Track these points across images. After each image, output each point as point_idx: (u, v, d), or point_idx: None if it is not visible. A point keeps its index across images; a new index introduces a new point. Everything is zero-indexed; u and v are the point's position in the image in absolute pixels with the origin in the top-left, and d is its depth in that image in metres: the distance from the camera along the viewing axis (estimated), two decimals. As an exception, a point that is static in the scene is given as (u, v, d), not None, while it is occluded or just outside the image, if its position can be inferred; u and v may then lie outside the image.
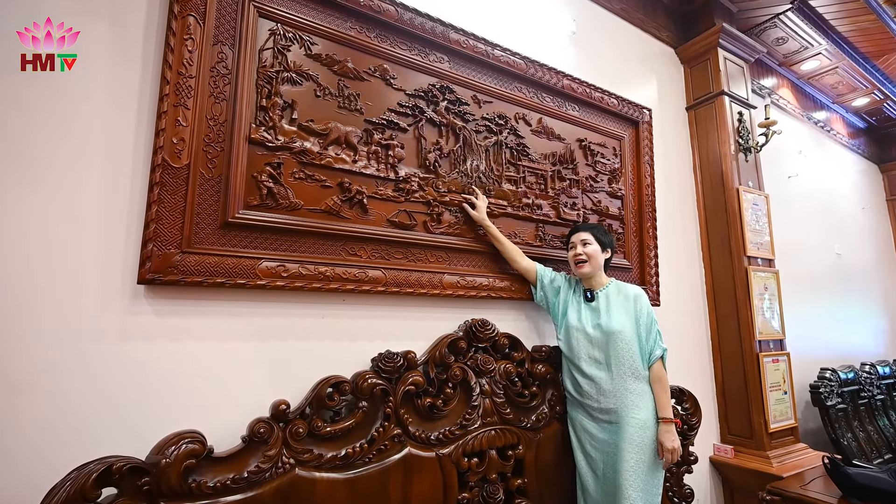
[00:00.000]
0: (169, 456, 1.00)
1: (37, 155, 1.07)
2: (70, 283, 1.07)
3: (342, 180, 1.43)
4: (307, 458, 1.20)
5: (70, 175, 1.10)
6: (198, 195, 1.20)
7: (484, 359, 1.57)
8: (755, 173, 2.65)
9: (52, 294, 1.05)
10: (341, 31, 1.49)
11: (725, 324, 2.47)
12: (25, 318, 1.02)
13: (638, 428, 1.48)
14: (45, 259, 1.05)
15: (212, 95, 1.25)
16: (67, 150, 1.10)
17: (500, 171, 1.81)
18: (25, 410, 1.00)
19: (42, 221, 1.06)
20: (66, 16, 1.14)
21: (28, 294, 1.03)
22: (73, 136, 1.11)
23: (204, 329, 1.21)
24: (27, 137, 1.06)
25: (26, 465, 0.98)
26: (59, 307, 1.05)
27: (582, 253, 1.63)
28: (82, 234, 1.10)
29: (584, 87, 2.10)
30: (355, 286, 1.39)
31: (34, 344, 1.02)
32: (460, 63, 1.75)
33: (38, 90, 1.09)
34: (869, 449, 2.85)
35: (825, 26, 3.20)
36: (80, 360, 1.06)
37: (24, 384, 1.00)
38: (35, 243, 1.05)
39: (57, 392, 1.03)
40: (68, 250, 1.08)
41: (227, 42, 1.29)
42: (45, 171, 1.08)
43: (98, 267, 1.11)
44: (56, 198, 1.08)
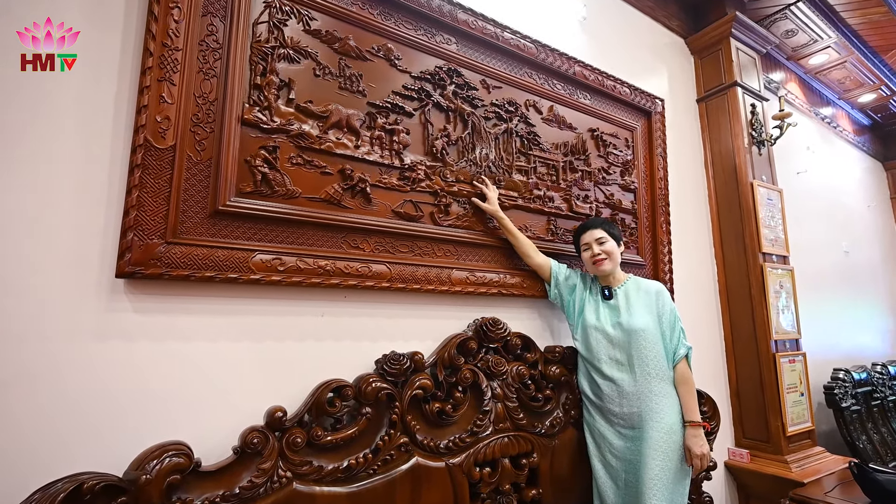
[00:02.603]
0: (150, 471, 0.89)
1: (5, 135, 0.95)
2: (40, 277, 0.95)
3: (343, 167, 1.32)
4: (306, 470, 1.09)
5: (40, 156, 0.98)
6: (185, 180, 1.08)
7: (495, 360, 1.47)
8: (769, 167, 2.57)
9: (18, 289, 0.93)
10: (342, 6, 1.37)
11: (740, 323, 2.38)
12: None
13: (664, 433, 1.38)
14: (11, 250, 0.93)
15: (200, 71, 1.13)
16: (38, 129, 0.99)
17: (510, 161, 1.70)
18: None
19: (8, 207, 0.94)
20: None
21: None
22: (45, 113, 1.00)
23: (191, 328, 1.10)
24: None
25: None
26: (26, 304, 0.93)
27: (601, 252, 1.54)
28: (53, 222, 0.98)
29: (596, 74, 2.00)
30: (358, 282, 1.28)
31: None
32: (468, 45, 1.65)
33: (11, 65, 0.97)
34: (884, 451, 2.77)
35: (835, 18, 3.14)
36: (50, 363, 0.94)
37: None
38: (0, 231, 0.93)
39: (24, 398, 0.91)
40: (38, 240, 0.96)
41: (218, 13, 1.17)
42: (12, 150, 0.96)
43: (71, 258, 0.98)
44: (24, 182, 0.96)
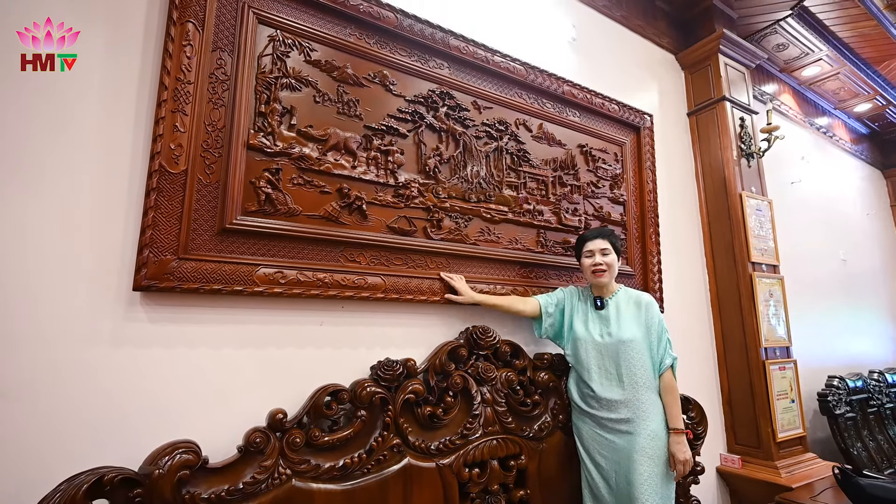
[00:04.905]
0: (162, 466, 0.98)
1: (34, 159, 1.07)
2: (65, 289, 1.06)
3: (341, 186, 1.42)
4: (304, 468, 1.17)
5: (66, 180, 1.09)
6: (195, 201, 1.19)
7: (485, 366, 1.55)
8: (758, 179, 2.63)
9: (46, 300, 1.04)
10: (341, 37, 1.49)
11: (730, 331, 2.44)
12: (19, 323, 1.01)
13: (649, 438, 1.45)
14: (41, 264, 1.04)
15: (210, 101, 1.24)
16: (64, 154, 1.10)
17: (500, 177, 1.80)
18: (17, 416, 0.98)
19: (38, 226, 1.05)
20: (66, 16, 1.14)
21: (23, 299, 1.01)
22: (71, 141, 1.11)
23: (200, 336, 1.20)
24: (25, 140, 1.06)
25: (18, 472, 0.96)
26: (53, 313, 1.04)
27: (602, 263, 1.59)
28: (78, 239, 1.09)
29: (584, 92, 2.09)
30: (354, 293, 1.38)
31: (28, 350, 1.01)
32: (460, 69, 1.75)
33: (37, 91, 1.09)
34: (880, 459, 2.79)
35: (826, 32, 3.20)
36: (73, 367, 1.04)
37: (17, 389, 0.99)
38: (30, 248, 1.03)
39: (50, 399, 1.01)
40: (64, 255, 1.07)
41: (226, 48, 1.29)
42: (42, 175, 1.07)
43: (94, 273, 1.09)
44: (52, 203, 1.07)
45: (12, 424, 0.97)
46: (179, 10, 1.21)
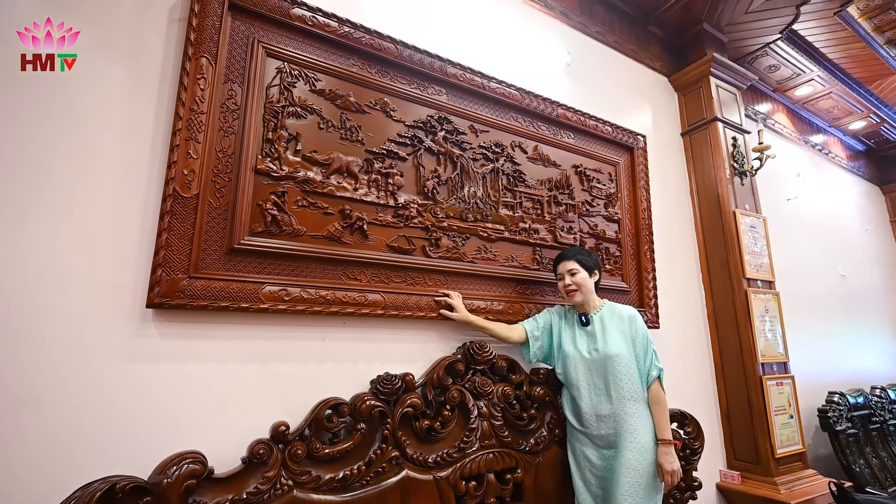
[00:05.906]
0: (170, 476, 1.03)
1: (57, 183, 1.14)
2: (81, 305, 1.13)
3: (343, 207, 1.49)
4: (305, 479, 1.22)
5: (85, 202, 1.17)
6: (206, 223, 1.26)
7: (482, 381, 1.59)
8: (752, 196, 2.69)
9: (66, 316, 1.10)
10: (344, 67, 1.58)
11: (727, 347, 2.46)
12: (37, 337, 1.07)
13: (636, 452, 1.47)
14: (58, 281, 1.11)
15: (221, 129, 1.33)
16: (85, 178, 1.18)
17: (497, 197, 1.87)
18: (33, 426, 1.04)
19: (56, 245, 1.12)
20: (90, 54, 1.23)
21: (40, 314, 1.08)
22: (91, 167, 1.19)
23: (207, 351, 1.26)
24: (49, 167, 1.14)
25: (32, 481, 1.02)
26: (69, 328, 1.11)
27: (571, 283, 1.63)
28: (95, 258, 1.16)
29: (578, 115, 2.18)
30: (355, 309, 1.44)
31: (44, 362, 1.07)
32: (458, 95, 1.84)
33: (58, 123, 1.18)
34: (883, 476, 2.77)
35: (816, 54, 3.30)
36: (87, 380, 1.10)
37: (33, 401, 1.05)
38: (48, 266, 1.11)
39: (64, 410, 1.07)
40: (81, 273, 1.14)
41: (237, 80, 1.38)
42: (62, 197, 1.15)
43: (109, 290, 1.16)
44: (71, 224, 1.15)
45: (27, 434, 1.03)
46: (195, 47, 1.31)
